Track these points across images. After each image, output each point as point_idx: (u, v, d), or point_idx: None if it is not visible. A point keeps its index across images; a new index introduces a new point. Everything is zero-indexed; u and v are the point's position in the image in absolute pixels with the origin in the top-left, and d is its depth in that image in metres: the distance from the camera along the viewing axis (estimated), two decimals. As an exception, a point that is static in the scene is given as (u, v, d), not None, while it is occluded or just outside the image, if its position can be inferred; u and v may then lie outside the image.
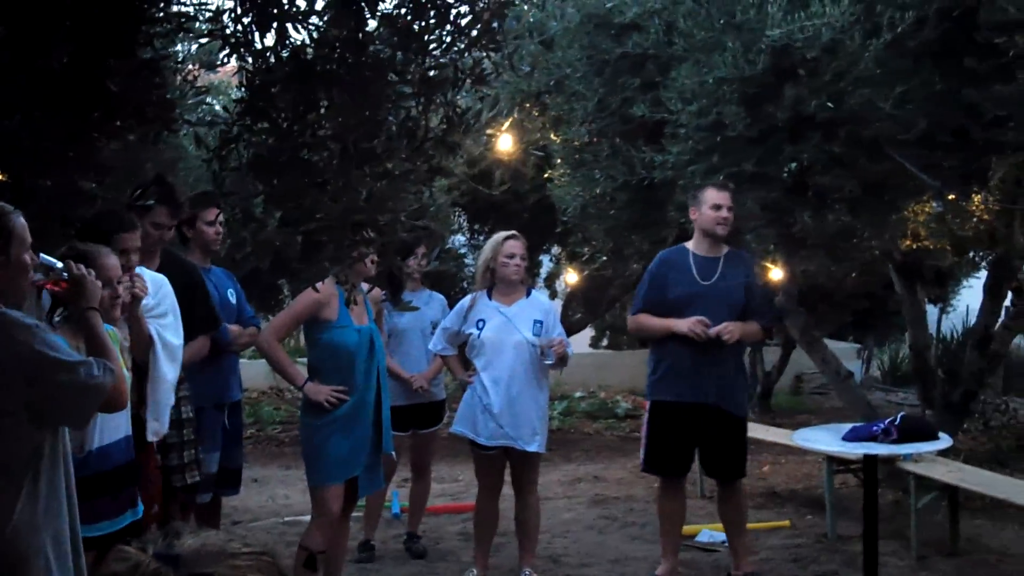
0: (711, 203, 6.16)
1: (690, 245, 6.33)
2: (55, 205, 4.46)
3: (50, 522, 3.25)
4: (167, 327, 4.86)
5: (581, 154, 7.90)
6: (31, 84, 3.86)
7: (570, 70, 7.25)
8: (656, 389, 6.36)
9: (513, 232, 6.45)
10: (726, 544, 6.90)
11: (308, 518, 5.95)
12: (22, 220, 3.28)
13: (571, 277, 12.51)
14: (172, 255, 5.49)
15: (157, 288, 4.90)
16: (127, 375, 4.19)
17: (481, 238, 11.44)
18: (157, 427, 4.87)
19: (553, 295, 14.07)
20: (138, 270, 4.99)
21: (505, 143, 8.55)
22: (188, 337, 5.03)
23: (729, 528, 6.48)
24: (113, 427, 4.20)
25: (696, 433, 6.23)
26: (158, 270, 5.06)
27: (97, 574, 1.59)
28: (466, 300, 6.43)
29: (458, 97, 4.02)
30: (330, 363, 5.59)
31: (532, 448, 6.19)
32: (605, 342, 17.29)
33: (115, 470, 4.20)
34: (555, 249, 13.13)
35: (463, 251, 11.83)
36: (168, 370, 4.81)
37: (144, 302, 4.63)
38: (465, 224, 12.31)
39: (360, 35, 3.86)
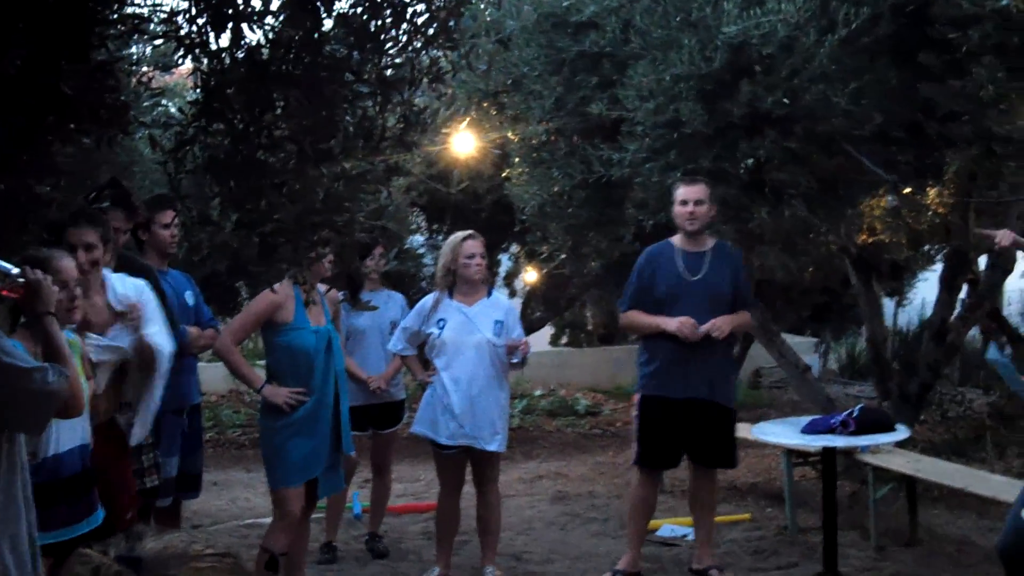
0: (679, 199, 6.19)
1: (675, 240, 6.35)
2: (11, 210, 4.41)
3: (7, 527, 3.23)
4: (156, 335, 4.84)
5: (539, 152, 7.90)
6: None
7: (527, 68, 7.24)
8: (647, 384, 6.37)
9: (471, 232, 6.44)
10: (687, 538, 6.94)
11: (269, 520, 5.92)
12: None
13: (530, 276, 12.52)
14: (127, 258, 5.45)
15: (139, 294, 4.87)
16: (84, 383, 4.16)
17: (439, 238, 11.41)
18: (141, 433, 4.84)
19: (512, 294, 14.08)
20: (117, 276, 4.96)
21: (462, 142, 8.54)
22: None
23: (698, 516, 6.52)
24: (69, 435, 4.16)
25: (686, 427, 6.26)
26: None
27: None
28: (428, 300, 6.41)
29: (415, 96, 4.02)
30: (288, 365, 5.56)
31: (492, 447, 6.19)
32: (565, 340, 17.33)
33: (71, 478, 4.16)
34: (514, 248, 13.12)
35: (421, 251, 11.80)
36: (162, 377, 4.81)
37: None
38: (423, 224, 12.28)
39: (316, 35, 3.85)
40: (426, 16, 3.86)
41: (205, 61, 3.93)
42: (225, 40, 3.86)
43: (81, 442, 4.25)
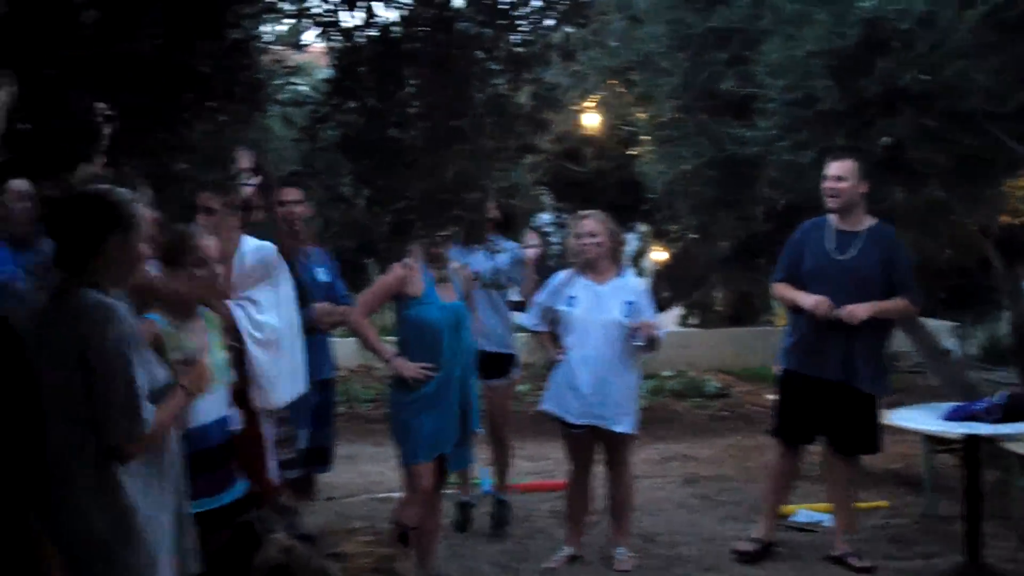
0: (826, 175, 6.09)
1: (831, 217, 6.24)
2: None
3: (152, 503, 3.30)
4: (256, 304, 4.89)
5: (667, 130, 7.81)
6: (122, 68, 3.89)
7: (655, 45, 7.16)
8: (787, 358, 6.39)
9: (592, 211, 6.40)
10: (823, 524, 6.81)
11: (400, 494, 5.98)
12: (144, 209, 3.34)
13: (658, 255, 12.40)
14: (260, 236, 5.52)
15: (260, 258, 4.93)
16: (221, 356, 4.25)
17: (566, 216, 11.36)
18: (263, 396, 4.89)
19: (640, 273, 13.97)
20: (251, 245, 5.05)
21: (591, 120, 8.48)
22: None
23: (835, 502, 6.42)
24: (209, 406, 4.23)
25: (822, 408, 6.17)
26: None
27: (256, 561, 1.59)
28: (560, 276, 6.40)
29: (546, 73, 3.99)
30: (415, 339, 5.60)
31: (620, 428, 6.15)
32: (693, 320, 17.14)
33: (211, 449, 4.23)
34: (641, 227, 13.01)
35: (548, 230, 11.76)
36: (256, 346, 4.85)
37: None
38: (550, 202, 12.22)
39: (447, 13, 3.85)
40: (558, -8, 3.83)
41: (338, 40, 3.95)
42: (358, 19, 3.88)
43: (220, 414, 4.33)
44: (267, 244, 5.04)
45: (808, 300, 6.07)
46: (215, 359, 4.27)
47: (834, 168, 6.08)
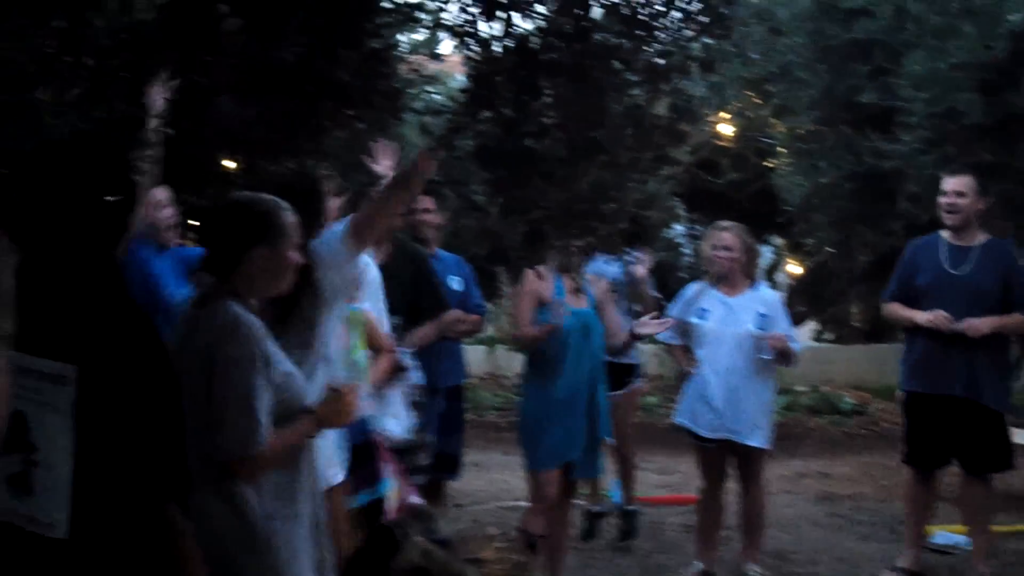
0: (943, 189, 5.94)
1: (943, 233, 6.10)
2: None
3: (287, 506, 3.33)
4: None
5: (805, 143, 7.72)
6: (265, 75, 3.98)
7: (795, 56, 7.08)
8: (907, 378, 6.21)
9: (726, 223, 6.33)
10: (962, 547, 6.62)
11: (526, 503, 5.98)
12: (293, 217, 3.33)
13: (794, 268, 12.23)
14: (402, 242, 5.58)
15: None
16: (362, 356, 4.30)
17: (699, 227, 11.29)
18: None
19: (774, 286, 13.80)
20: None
21: (728, 130, 8.42)
22: (416, 323, 5.12)
23: (971, 524, 6.23)
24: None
25: (949, 426, 6.01)
26: (389, 257, 5.13)
27: (395, 564, 1.61)
28: (692, 288, 6.34)
29: (684, 84, 3.97)
30: (543, 345, 5.58)
31: (753, 442, 6.06)
32: (828, 336, 16.85)
33: (354, 448, 4.27)
34: (776, 240, 12.84)
35: (680, 240, 11.70)
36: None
37: None
38: (683, 213, 12.17)
39: (586, 24, 3.85)
40: (698, 4, 3.81)
41: (476, 49, 3.98)
42: (496, 29, 3.91)
43: (363, 413, 4.38)
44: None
45: (925, 316, 5.91)
46: (356, 358, 4.34)
47: (953, 184, 5.92)
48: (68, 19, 3.79)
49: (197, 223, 4.78)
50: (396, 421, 4.95)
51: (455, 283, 6.08)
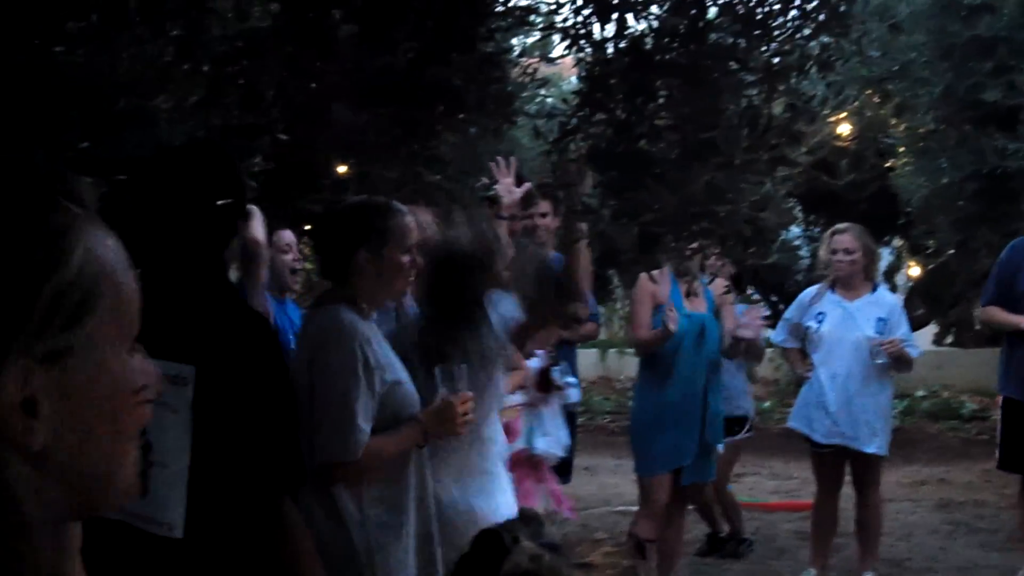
0: None
1: None
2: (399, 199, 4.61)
3: (391, 516, 3.33)
4: None
5: (926, 142, 7.55)
6: (378, 80, 3.99)
7: (916, 54, 6.92)
8: (1004, 384, 6.09)
9: (847, 225, 6.21)
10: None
11: (637, 507, 5.94)
12: (407, 221, 3.32)
13: (913, 271, 11.96)
14: (523, 246, 5.51)
15: None
16: None
17: (816, 230, 11.08)
18: None
19: (893, 289, 13.50)
20: None
21: (846, 130, 8.28)
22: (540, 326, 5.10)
23: None
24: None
25: None
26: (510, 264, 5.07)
27: (505, 569, 1.57)
28: (809, 292, 6.24)
29: (801, 84, 3.89)
30: (657, 346, 5.53)
31: (870, 449, 5.94)
32: (949, 339, 16.44)
33: None
34: (896, 241, 12.57)
35: (797, 243, 11.49)
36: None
37: None
38: (800, 215, 11.96)
39: (701, 23, 3.79)
40: (816, 1, 3.72)
41: (589, 51, 3.94)
42: (609, 30, 3.87)
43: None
44: None
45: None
46: None
47: None
48: (185, 28, 3.85)
49: (309, 229, 4.82)
50: (547, 439, 4.93)
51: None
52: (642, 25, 3.85)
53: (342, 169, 4.72)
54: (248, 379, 2.82)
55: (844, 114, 8.16)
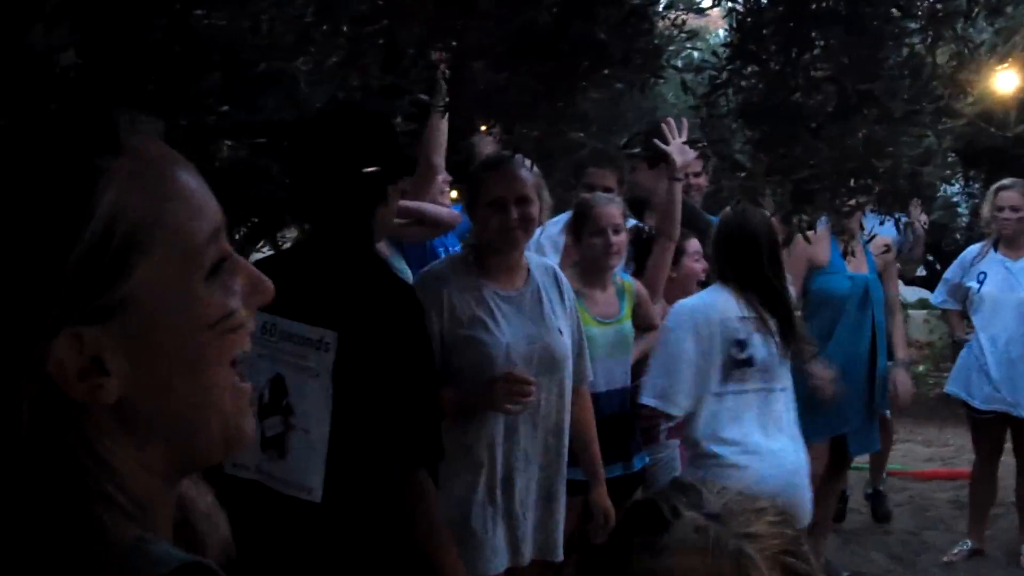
0: None
1: None
2: (544, 156, 4.52)
3: (495, 453, 3.39)
4: None
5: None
6: (520, 37, 3.89)
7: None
8: None
9: (1011, 180, 5.92)
10: None
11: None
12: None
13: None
14: (690, 208, 5.32)
15: None
16: (628, 325, 4.23)
17: (976, 186, 10.61)
18: None
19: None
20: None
21: (1014, 80, 7.87)
22: None
23: None
24: (606, 376, 4.21)
25: None
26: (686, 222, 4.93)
27: (666, 541, 1.50)
28: (972, 250, 5.99)
29: (970, 30, 3.66)
30: (816, 311, 5.35)
31: (1033, 415, 5.69)
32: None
33: (607, 418, 4.19)
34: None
35: (955, 200, 11.03)
36: None
37: None
38: (959, 170, 11.46)
39: (860, -32, 3.60)
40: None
41: (741, 1, 3.78)
42: (760, -22, 3.70)
43: (622, 384, 4.29)
44: None
45: None
46: (622, 327, 4.26)
47: None
48: (326, -14, 3.79)
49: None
50: None
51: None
52: (797, -28, 3.67)
53: (484, 129, 4.63)
54: (390, 349, 2.79)
55: (1015, 62, 7.75)
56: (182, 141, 4.76)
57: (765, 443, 4.08)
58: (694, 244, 4.83)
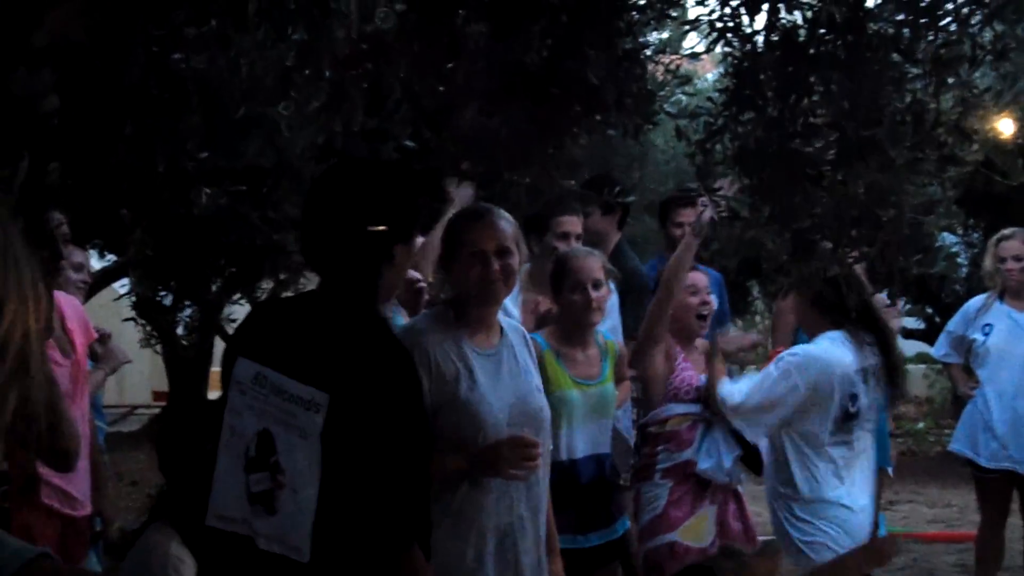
0: None
1: None
2: (529, 204, 4.41)
3: (488, 519, 3.23)
4: None
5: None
6: (509, 79, 3.79)
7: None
8: None
9: (1013, 230, 5.80)
10: None
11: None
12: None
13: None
14: (620, 251, 5.31)
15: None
16: (610, 388, 4.11)
17: (975, 235, 10.50)
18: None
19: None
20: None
21: (1008, 127, 7.78)
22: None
23: None
24: (584, 443, 4.07)
25: None
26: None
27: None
28: (976, 302, 5.85)
29: (974, 76, 3.55)
30: None
31: (1041, 474, 5.54)
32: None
33: (586, 486, 4.05)
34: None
35: (955, 249, 10.90)
36: None
37: None
38: (958, 219, 11.35)
39: (860, 12, 3.49)
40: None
41: (736, 45, 3.67)
42: (760, 22, 3.60)
43: (597, 451, 4.13)
44: None
45: None
46: (604, 389, 4.10)
47: None
48: (307, 30, 3.69)
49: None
50: (710, 461, 4.58)
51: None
52: (796, 15, 3.57)
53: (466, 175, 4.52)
54: (384, 419, 2.65)
55: (1018, 108, 7.68)
56: (161, 187, 4.66)
57: (859, 502, 4.20)
58: (691, 277, 4.68)
